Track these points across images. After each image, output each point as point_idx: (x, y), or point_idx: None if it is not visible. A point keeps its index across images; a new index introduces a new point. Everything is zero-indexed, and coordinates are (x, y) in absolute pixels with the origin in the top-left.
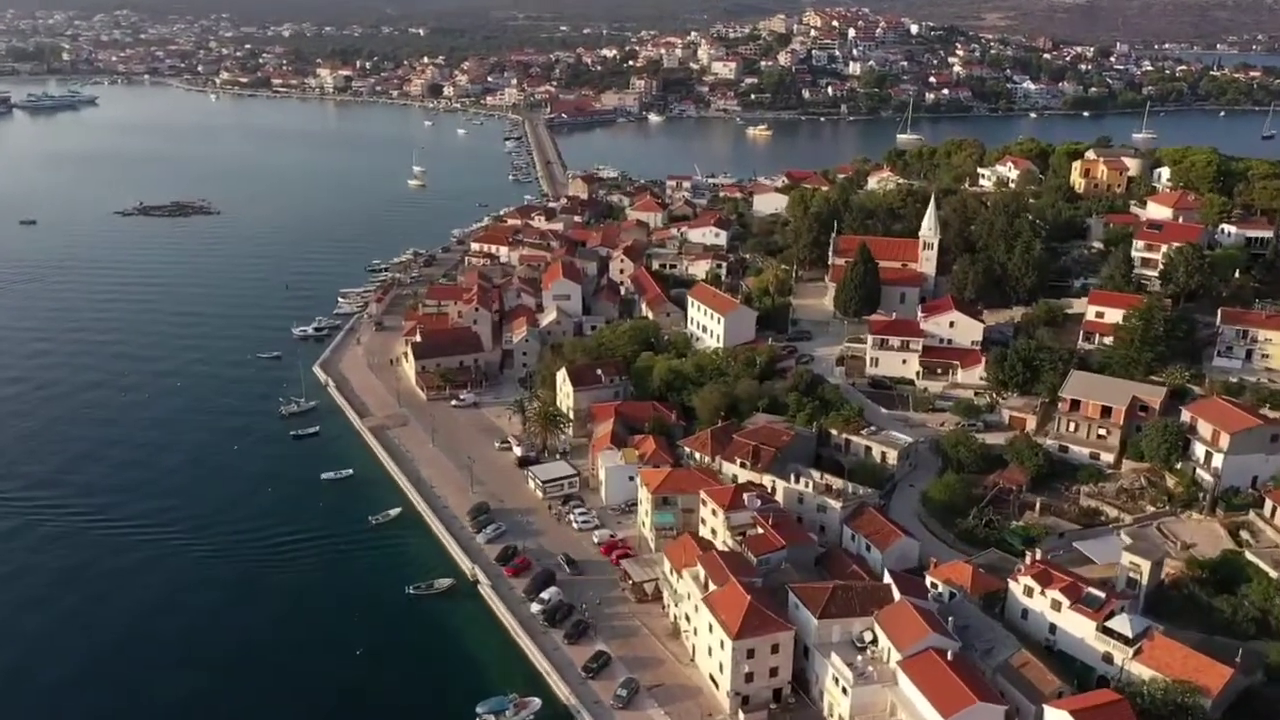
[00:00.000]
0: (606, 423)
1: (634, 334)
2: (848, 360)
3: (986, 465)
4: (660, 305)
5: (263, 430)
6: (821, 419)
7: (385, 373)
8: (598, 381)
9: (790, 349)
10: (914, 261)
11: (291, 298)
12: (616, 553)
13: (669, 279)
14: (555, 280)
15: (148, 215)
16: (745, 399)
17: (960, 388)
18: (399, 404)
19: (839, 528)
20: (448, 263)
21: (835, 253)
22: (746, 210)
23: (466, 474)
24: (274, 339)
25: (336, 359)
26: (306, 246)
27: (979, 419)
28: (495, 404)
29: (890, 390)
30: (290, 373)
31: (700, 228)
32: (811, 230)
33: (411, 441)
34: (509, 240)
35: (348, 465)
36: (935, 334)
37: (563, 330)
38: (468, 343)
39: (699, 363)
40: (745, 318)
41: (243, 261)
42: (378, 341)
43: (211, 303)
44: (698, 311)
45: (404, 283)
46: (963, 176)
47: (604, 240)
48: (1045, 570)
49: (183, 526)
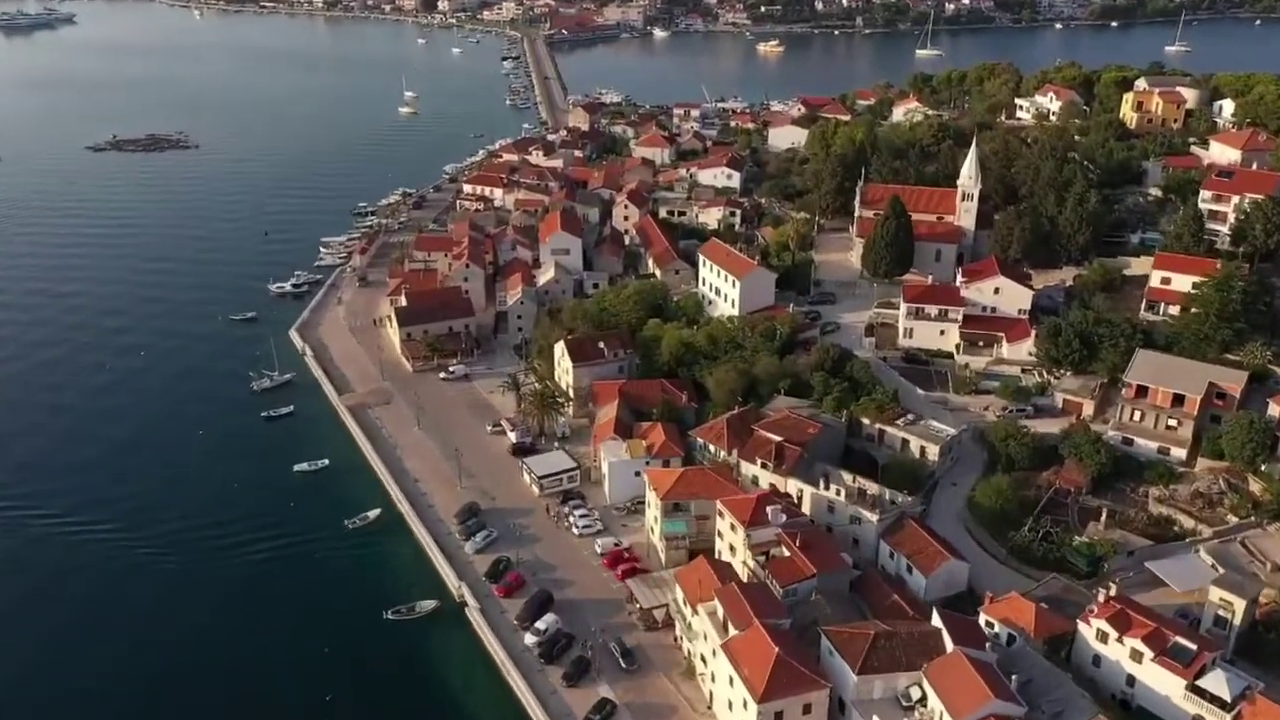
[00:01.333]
0: (610, 405)
1: (640, 297)
2: (878, 329)
3: (1039, 460)
4: (668, 261)
5: (231, 409)
6: (852, 405)
7: (368, 336)
8: (600, 356)
9: (813, 315)
10: (951, 214)
11: (270, 246)
12: (622, 567)
13: (677, 228)
14: (553, 233)
15: (121, 150)
16: (765, 379)
17: (1006, 364)
18: (382, 376)
19: (875, 542)
20: (439, 205)
21: (862, 203)
22: (760, 144)
23: (454, 464)
24: (249, 296)
25: (315, 321)
26: (289, 185)
27: (1028, 403)
28: (488, 375)
29: (926, 365)
30: (264, 338)
31: (711, 168)
32: (835, 175)
33: (395, 423)
34: (504, 182)
35: (323, 454)
36: (977, 301)
37: (561, 289)
38: (457, 306)
39: (712, 333)
40: (763, 281)
41: (220, 204)
42: (361, 299)
43: (184, 252)
44: (710, 272)
45: (391, 229)
46: (998, 107)
47: (606, 180)
48: (1122, 613)
49: (130, 527)
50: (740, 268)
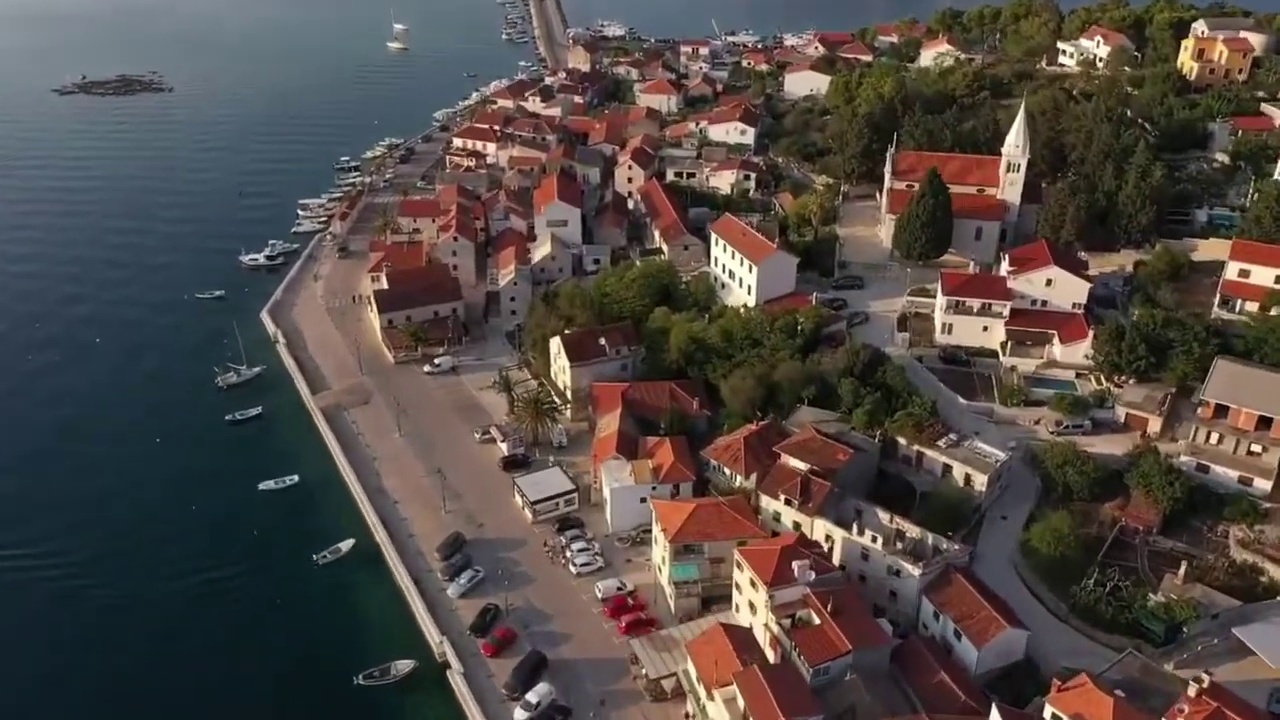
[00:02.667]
0: (611, 415)
1: (645, 281)
2: (911, 321)
3: (1101, 487)
4: (677, 235)
5: (193, 410)
6: (886, 422)
7: (347, 318)
8: (600, 354)
9: (838, 304)
10: (993, 186)
11: (245, 207)
12: (626, 618)
13: (686, 193)
14: (550, 203)
15: (89, 94)
16: (786, 387)
17: (1058, 367)
18: (360, 369)
19: (917, 599)
20: (427, 158)
21: (894, 173)
22: (775, 91)
23: (438, 482)
24: (219, 269)
25: (289, 301)
26: (268, 133)
27: (1086, 417)
28: (477, 368)
29: (967, 365)
30: (233, 321)
31: (723, 123)
32: (861, 137)
33: (373, 429)
34: (496, 136)
35: (293, 468)
36: (1026, 294)
37: (559, 267)
38: (444, 287)
39: (726, 328)
40: (783, 266)
41: (193, 155)
42: (340, 274)
43: (152, 213)
44: (723, 252)
45: (376, 187)
46: (1037, 51)
47: (608, 134)
48: (1219, 713)
49: (57, 552)
50: (758, 251)
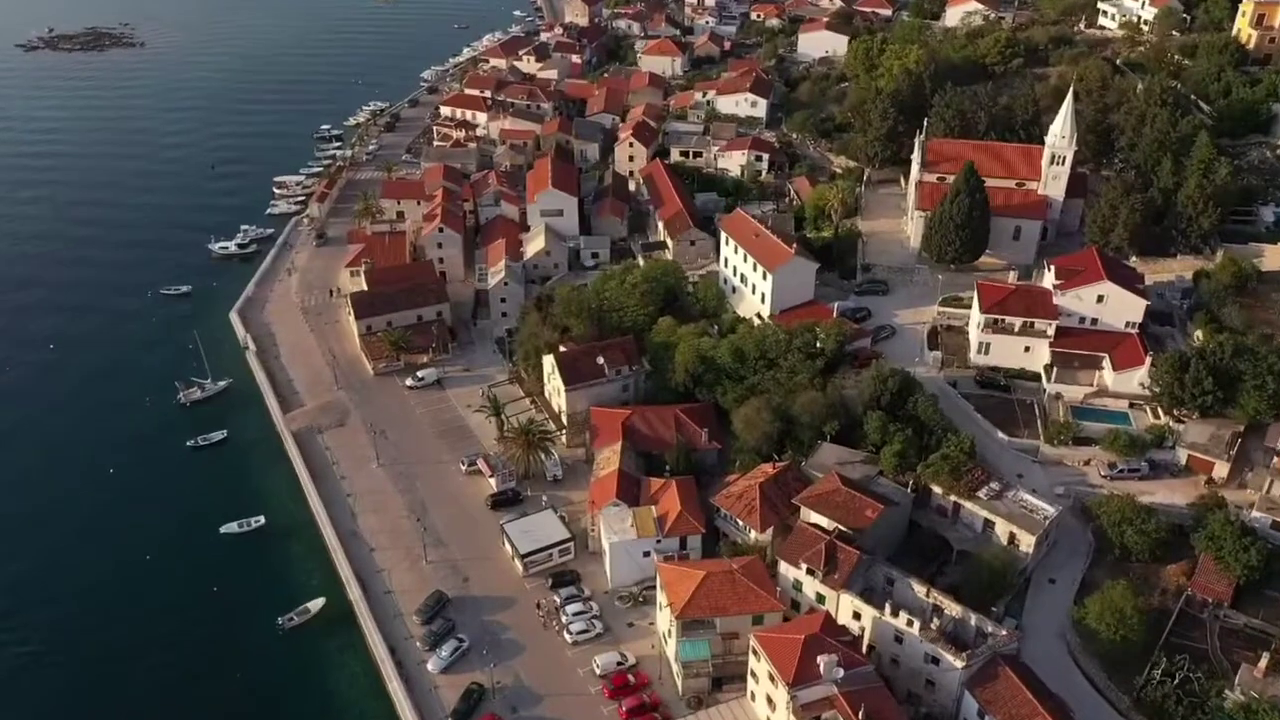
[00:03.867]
0: (611, 449)
1: (649, 287)
2: (942, 335)
3: (1164, 550)
4: (683, 228)
5: (152, 433)
6: (920, 466)
7: (324, 319)
8: (599, 375)
9: (862, 314)
10: (1034, 180)
11: (217, 184)
12: (629, 701)
13: (693, 177)
14: (543, 190)
15: (56, 49)
16: (806, 420)
17: (1110, 397)
18: (336, 382)
19: (958, 692)
20: (414, 125)
21: (924, 164)
22: (788, 52)
23: (419, 523)
24: (186, 259)
25: (261, 298)
26: (244, 94)
27: (1143, 458)
28: (465, 380)
29: (1006, 391)
30: (199, 322)
31: (732, 94)
32: (886, 117)
33: (349, 456)
34: (487, 105)
35: (259, 507)
36: (1074, 311)
37: (554, 262)
38: (428, 288)
39: (738, 345)
40: (801, 273)
41: (164, 120)
42: (318, 265)
43: (117, 190)
44: (734, 253)
45: (358, 161)
46: (1074, 11)
47: (608, 102)
48: None
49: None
50: (773, 257)
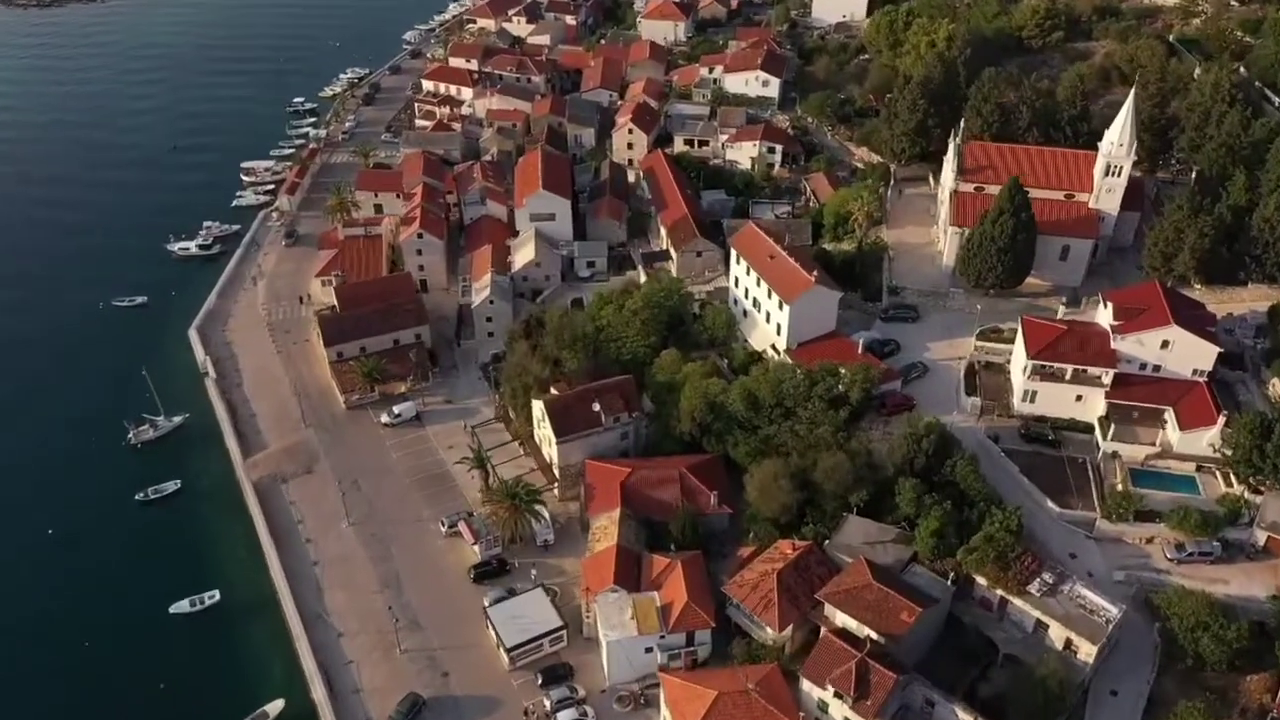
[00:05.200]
0: (608, 517)
1: (651, 314)
2: (981, 374)
3: (1244, 658)
4: (688, 238)
5: (97, 483)
6: (961, 552)
7: (292, 335)
8: (594, 424)
9: (889, 347)
10: (1085, 191)
11: (179, 167)
12: None
13: (699, 172)
14: (533, 193)
15: (9, 5)
16: (830, 489)
17: (1175, 459)
18: (304, 419)
19: None
20: (395, 96)
21: (960, 171)
22: (801, 16)
23: (394, 596)
24: (142, 261)
25: (224, 311)
26: (213, 58)
27: (1216, 537)
28: (446, 415)
29: (1055, 447)
30: (154, 342)
31: (741, 71)
32: (915, 110)
33: (316, 513)
34: (473, 80)
35: (214, 578)
36: (1134, 356)
37: (544, 274)
38: (406, 309)
39: (751, 389)
40: (822, 303)
41: (123, 93)
42: (287, 269)
43: (65, 180)
44: (746, 275)
45: (334, 141)
46: None
47: (605, 76)
48: None
49: None
50: (790, 285)
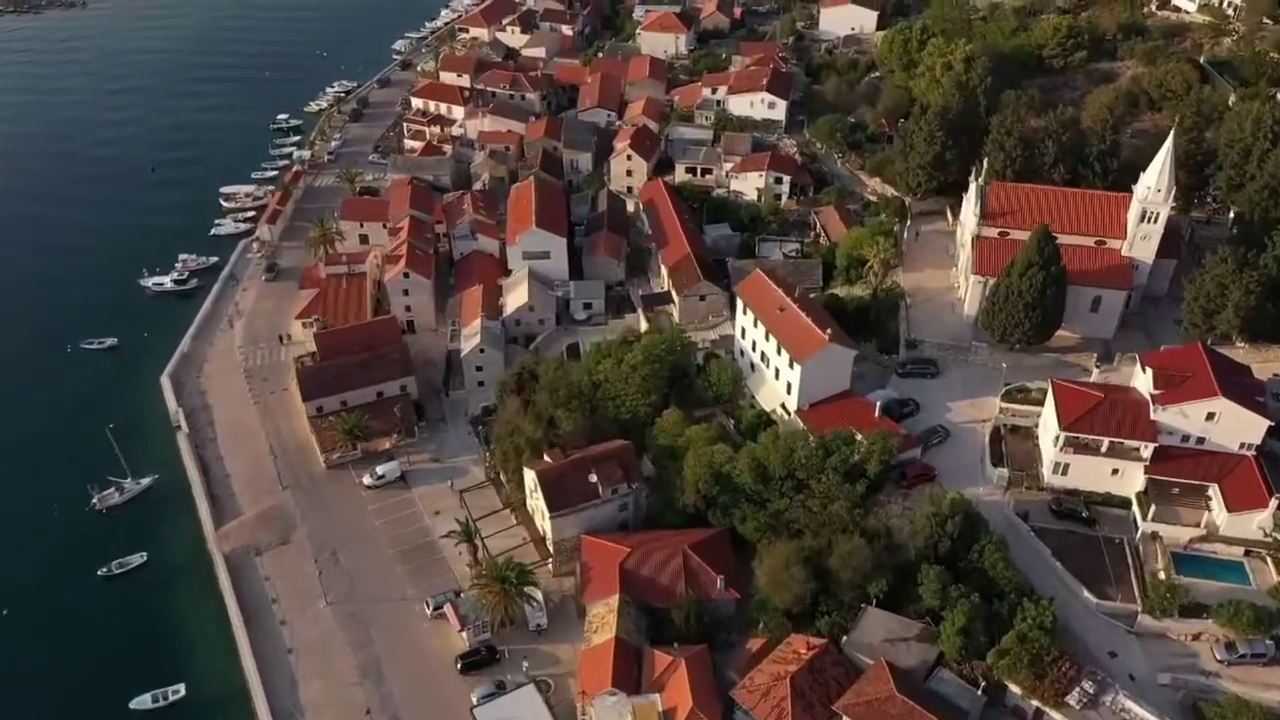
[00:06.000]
0: (605, 604)
1: (652, 370)
2: (1007, 439)
3: None
4: (691, 281)
5: (56, 556)
6: (992, 654)
7: (270, 383)
8: (590, 496)
9: (908, 407)
10: (1117, 237)
11: (157, 191)
12: None
13: (702, 203)
14: (526, 231)
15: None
16: (846, 578)
17: (1222, 542)
18: (280, 480)
19: None
20: (383, 112)
21: (984, 216)
22: (807, 27)
23: (373, 689)
24: (114, 297)
25: (199, 356)
26: (195, 69)
27: (1269, 635)
28: (433, 475)
29: (1090, 525)
30: (123, 391)
31: (746, 93)
32: (933, 142)
33: (292, 591)
34: (464, 98)
35: (181, 668)
36: (1175, 428)
37: (538, 318)
38: (389, 360)
39: (760, 459)
40: (836, 362)
41: (100, 105)
42: (267, 306)
43: (35, 205)
44: (754, 327)
45: (319, 161)
46: None
47: (603, 93)
48: None
49: None
50: (802, 343)
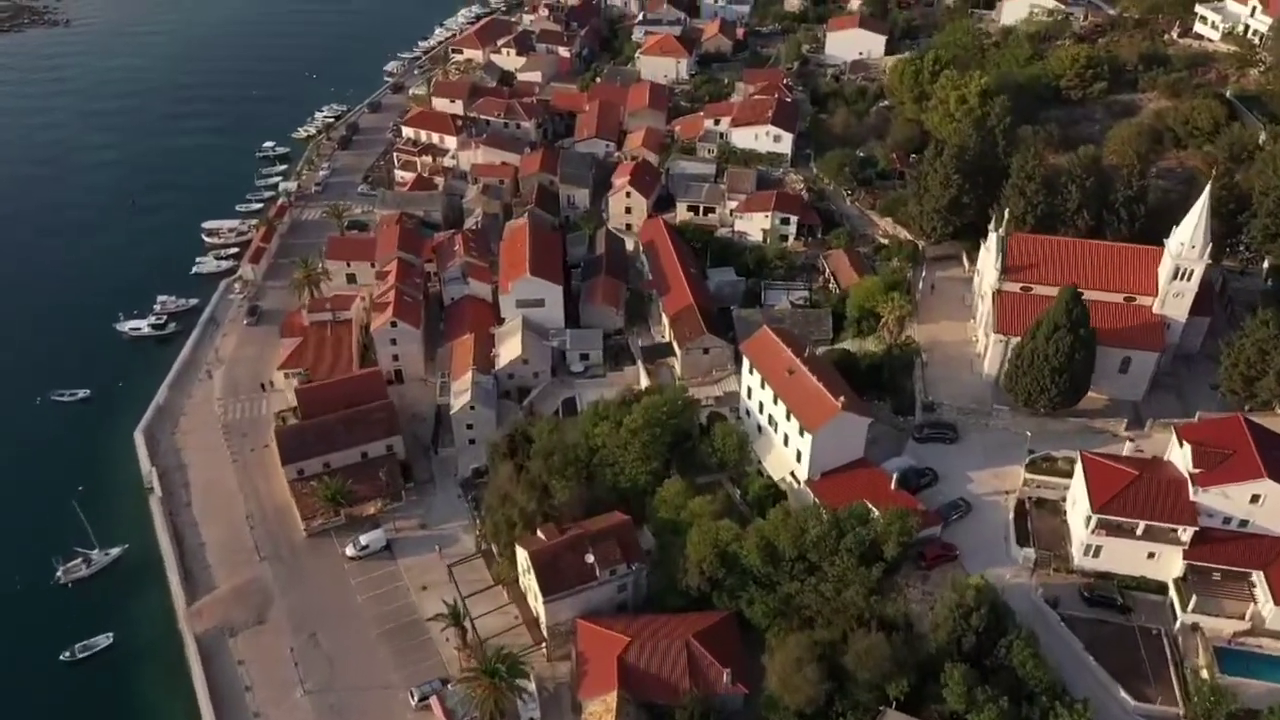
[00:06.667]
0: (602, 703)
1: (652, 435)
2: (1033, 515)
3: None
4: (694, 334)
5: (20, 634)
6: None
7: (250, 439)
8: (587, 577)
9: (926, 477)
10: (1147, 294)
11: (137, 225)
12: None
13: (706, 244)
14: (519, 279)
15: None
16: (864, 677)
17: (1268, 636)
18: (258, 551)
19: None
20: (374, 138)
21: (1006, 269)
22: (813, 50)
23: None
24: (87, 342)
25: (175, 409)
26: (181, 92)
27: None
28: (421, 544)
29: (1125, 613)
30: (94, 448)
31: (750, 125)
32: (949, 186)
33: (268, 680)
34: (456, 127)
35: None
36: (1216, 510)
37: (533, 371)
38: (373, 419)
39: (767, 537)
40: (849, 431)
41: (79, 132)
42: (248, 354)
43: (8, 241)
44: (761, 388)
45: (306, 193)
46: (1160, 9)
47: (600, 122)
48: None
49: None
50: (813, 412)
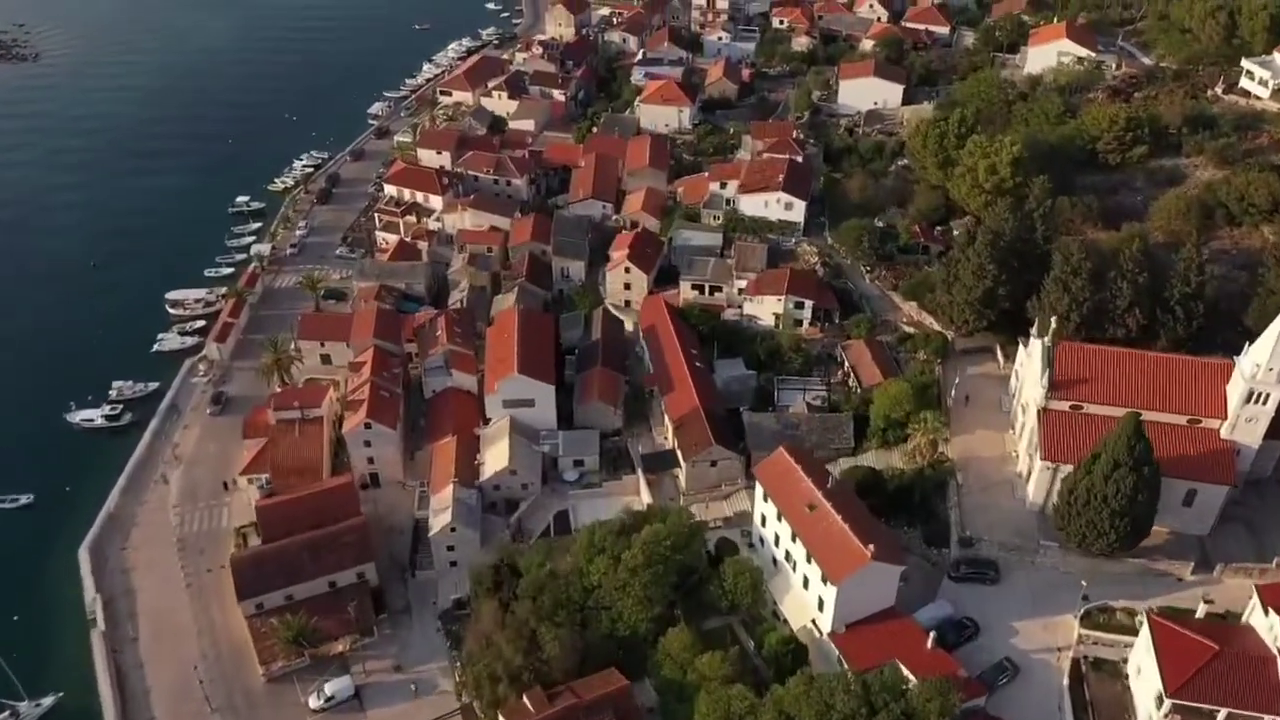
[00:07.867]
0: None
1: (654, 576)
2: (1090, 680)
3: None
4: (700, 446)
5: None
6: None
7: (207, 557)
8: None
9: (968, 629)
10: (1214, 415)
11: (95, 294)
12: None
13: (713, 331)
14: (507, 378)
15: None
16: None
17: None
18: (209, 703)
19: None
20: (355, 191)
21: (1053, 386)
22: (824, 98)
23: None
24: (34, 436)
25: (126, 520)
26: (150, 142)
27: None
28: (394, 691)
29: None
30: (36, 564)
31: (760, 193)
32: (983, 276)
33: None
34: (441, 187)
35: None
36: None
37: (521, 482)
38: (342, 544)
39: (787, 711)
40: (878, 580)
41: (43, 182)
42: (210, 450)
43: None
44: (778, 521)
45: (280, 257)
46: (1200, 60)
47: (597, 180)
48: None
49: None
50: (838, 559)
